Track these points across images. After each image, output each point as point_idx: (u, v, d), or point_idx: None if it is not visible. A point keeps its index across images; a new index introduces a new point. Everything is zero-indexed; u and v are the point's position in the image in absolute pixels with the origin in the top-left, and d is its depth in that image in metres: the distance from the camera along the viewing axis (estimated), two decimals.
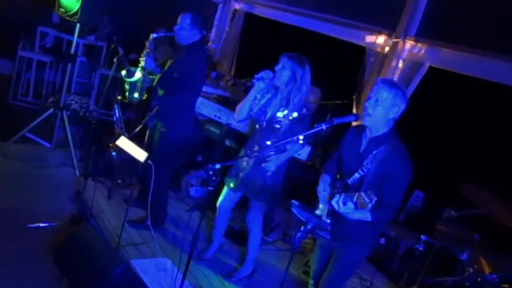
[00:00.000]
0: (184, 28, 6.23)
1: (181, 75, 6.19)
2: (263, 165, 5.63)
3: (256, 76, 5.54)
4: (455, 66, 6.73)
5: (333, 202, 4.10)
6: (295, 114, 5.51)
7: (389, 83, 4.30)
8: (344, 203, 3.99)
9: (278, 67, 5.54)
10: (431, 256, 6.35)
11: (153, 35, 6.42)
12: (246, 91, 9.28)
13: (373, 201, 3.75)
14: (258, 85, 5.58)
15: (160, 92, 6.42)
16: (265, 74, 5.51)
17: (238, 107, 5.81)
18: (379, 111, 4.27)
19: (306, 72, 5.53)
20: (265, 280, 6.42)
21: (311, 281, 5.08)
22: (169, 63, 6.44)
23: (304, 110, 5.54)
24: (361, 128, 4.55)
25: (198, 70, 6.34)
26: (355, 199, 3.87)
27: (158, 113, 6.44)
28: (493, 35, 6.30)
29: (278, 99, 5.68)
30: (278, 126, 5.57)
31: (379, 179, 4.20)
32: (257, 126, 5.84)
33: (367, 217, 4.12)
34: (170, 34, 6.44)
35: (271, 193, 5.82)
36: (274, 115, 5.62)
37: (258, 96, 5.76)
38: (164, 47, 9.12)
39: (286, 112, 5.56)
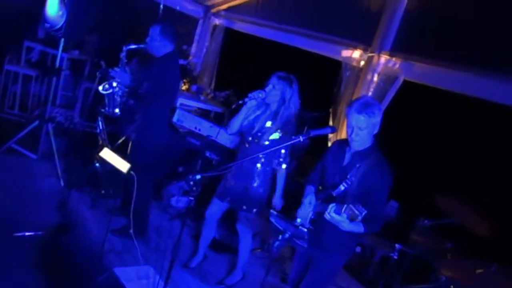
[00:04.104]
0: (155, 39, 6.28)
1: (152, 85, 6.23)
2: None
3: (249, 95, 5.62)
4: (429, 80, 6.76)
5: (326, 214, 4.11)
6: (276, 135, 5.66)
7: (362, 109, 4.25)
8: (338, 213, 4.00)
9: (268, 88, 5.67)
10: (406, 264, 6.38)
11: (124, 48, 6.45)
12: (226, 104, 9.31)
13: (363, 214, 3.77)
14: (250, 103, 5.69)
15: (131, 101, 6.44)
16: (257, 93, 5.62)
17: (231, 121, 5.91)
18: (364, 136, 4.31)
19: (295, 92, 5.70)
20: (244, 287, 6.42)
21: None
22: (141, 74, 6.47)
23: (289, 127, 5.67)
24: (345, 142, 4.56)
25: (169, 81, 6.33)
26: (343, 211, 3.89)
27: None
28: (465, 50, 6.34)
29: (266, 114, 5.79)
30: (267, 142, 5.68)
31: (363, 191, 4.22)
32: (245, 143, 5.91)
33: (360, 229, 4.14)
34: (141, 46, 6.45)
35: (258, 203, 5.91)
36: (260, 129, 5.74)
37: (250, 113, 5.86)
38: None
39: (270, 124, 5.71)
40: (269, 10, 10.18)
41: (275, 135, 5.64)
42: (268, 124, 5.71)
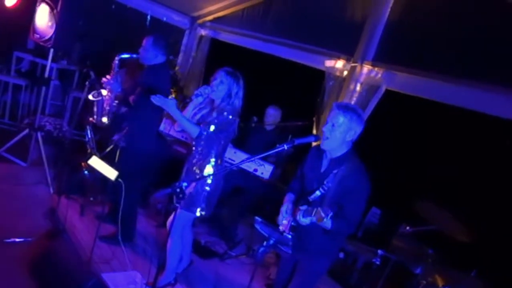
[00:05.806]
0: (147, 50, 6.32)
1: (141, 93, 6.23)
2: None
3: (195, 92, 5.56)
4: (410, 89, 6.77)
5: (297, 219, 4.15)
6: (212, 128, 5.49)
7: (345, 108, 4.34)
8: (304, 217, 4.05)
9: (215, 82, 5.57)
10: (388, 270, 6.39)
11: (118, 57, 6.46)
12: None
13: (329, 216, 3.81)
14: (197, 100, 5.60)
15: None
16: (203, 89, 5.55)
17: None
18: (335, 135, 4.32)
19: (240, 88, 5.62)
20: None
21: None
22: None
23: (225, 114, 5.49)
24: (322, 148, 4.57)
25: (158, 90, 6.23)
26: (313, 214, 3.94)
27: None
28: (446, 60, 6.36)
29: (211, 111, 5.66)
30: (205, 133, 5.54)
31: (339, 196, 4.22)
32: (192, 140, 5.78)
33: (327, 224, 4.13)
34: (134, 55, 6.47)
35: (202, 202, 5.67)
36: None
37: (195, 110, 5.73)
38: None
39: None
40: (254, 21, 10.19)
41: (212, 127, 5.49)
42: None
